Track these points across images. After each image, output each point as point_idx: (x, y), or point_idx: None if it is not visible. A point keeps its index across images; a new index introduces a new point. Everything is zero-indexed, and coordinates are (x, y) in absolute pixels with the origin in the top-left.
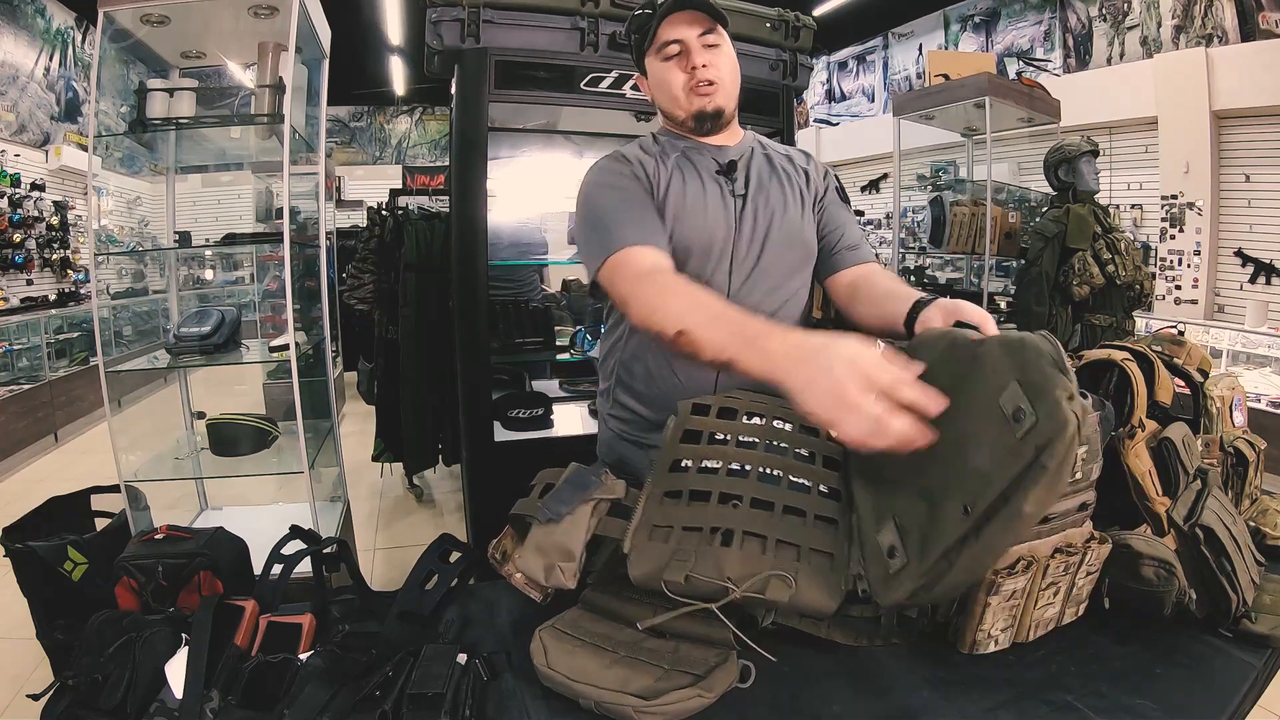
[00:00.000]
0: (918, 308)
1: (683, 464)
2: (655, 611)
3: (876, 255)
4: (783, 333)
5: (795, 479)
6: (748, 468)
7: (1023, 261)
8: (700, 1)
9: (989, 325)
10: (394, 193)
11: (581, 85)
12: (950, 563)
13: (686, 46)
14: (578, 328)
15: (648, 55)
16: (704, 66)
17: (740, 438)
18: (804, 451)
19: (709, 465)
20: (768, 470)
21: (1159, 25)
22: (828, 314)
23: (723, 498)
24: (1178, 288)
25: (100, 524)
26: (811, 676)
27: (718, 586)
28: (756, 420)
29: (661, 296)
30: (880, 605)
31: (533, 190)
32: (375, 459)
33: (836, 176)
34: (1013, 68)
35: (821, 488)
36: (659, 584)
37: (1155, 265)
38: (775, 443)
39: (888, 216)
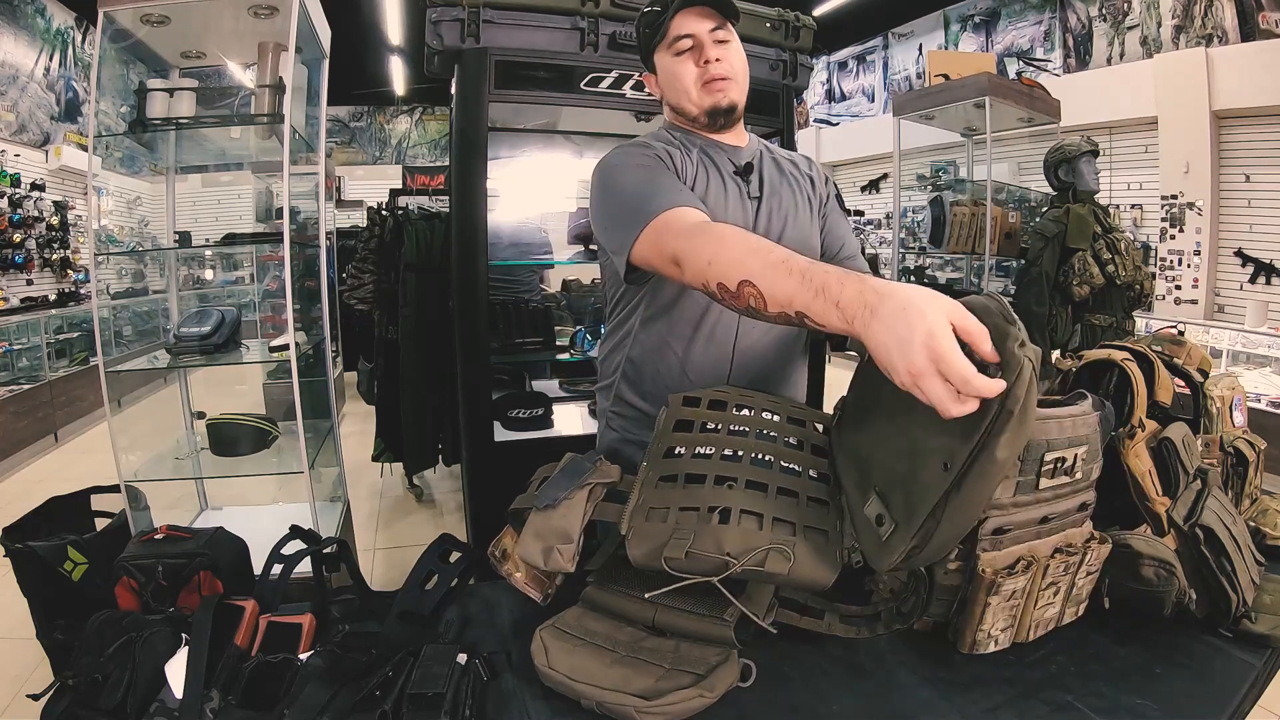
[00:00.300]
0: None
1: (676, 450)
2: (656, 607)
3: (876, 256)
4: (856, 280)
5: (786, 464)
6: (740, 453)
7: (1023, 261)
8: (711, 5)
9: None
10: (394, 193)
11: (581, 85)
12: (937, 519)
13: (699, 41)
14: (578, 328)
15: (658, 51)
16: (717, 61)
17: (731, 427)
18: (793, 440)
19: (702, 452)
20: (760, 456)
21: (1159, 25)
22: None
23: (718, 480)
24: (1178, 288)
25: (100, 524)
26: (812, 676)
27: (718, 561)
28: (745, 411)
29: (720, 245)
30: (877, 571)
31: (533, 190)
32: (375, 459)
33: (835, 184)
34: (1013, 68)
35: (811, 472)
36: (659, 562)
37: (1155, 265)
38: (765, 432)
39: (888, 216)
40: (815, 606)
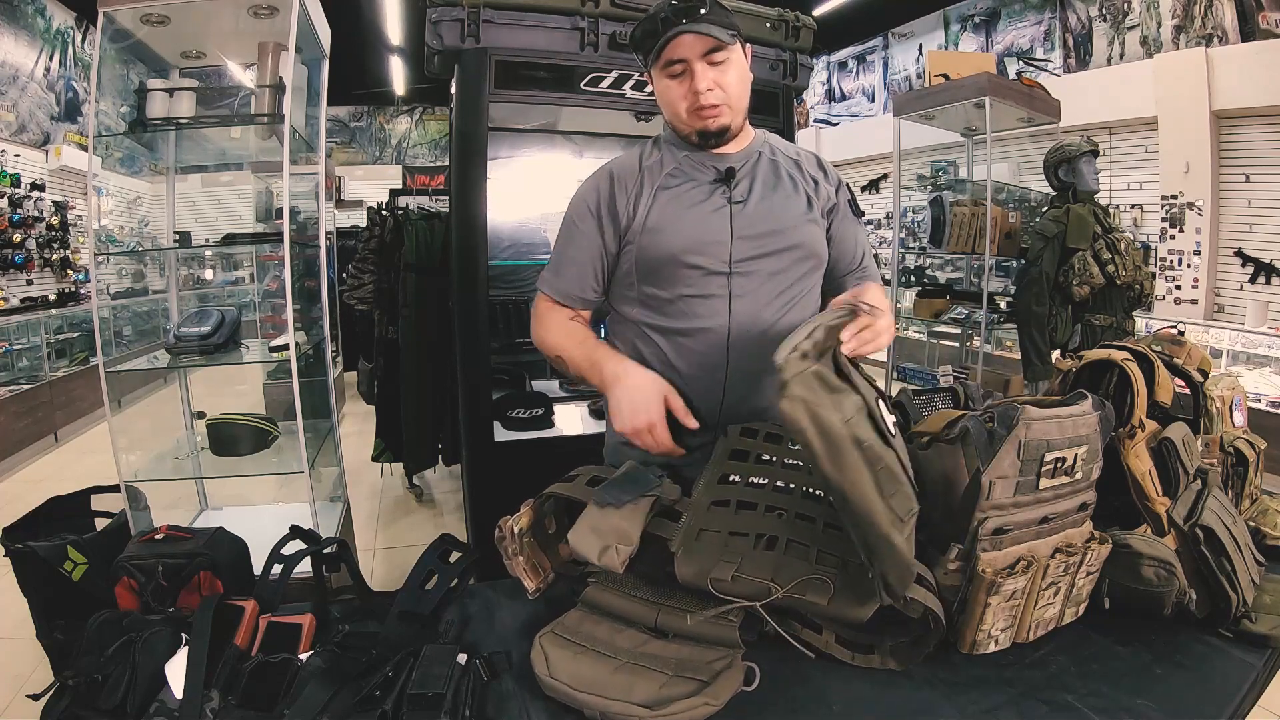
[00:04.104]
0: None
1: (730, 478)
2: (659, 609)
3: (876, 256)
4: (614, 365)
5: None
6: (792, 486)
7: (1023, 261)
8: (707, 27)
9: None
10: (394, 193)
11: (581, 85)
12: (854, 540)
13: (691, 67)
14: None
15: (652, 67)
16: (709, 90)
17: (785, 460)
18: None
19: (756, 481)
20: (811, 490)
21: (1159, 25)
22: None
23: (768, 509)
24: (1178, 288)
25: (100, 524)
26: (812, 677)
27: (762, 586)
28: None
29: (550, 331)
30: (895, 601)
31: (533, 190)
32: (375, 459)
33: (849, 187)
34: (1013, 68)
35: None
36: (705, 582)
37: (1155, 265)
38: None
39: (888, 216)
40: (815, 620)
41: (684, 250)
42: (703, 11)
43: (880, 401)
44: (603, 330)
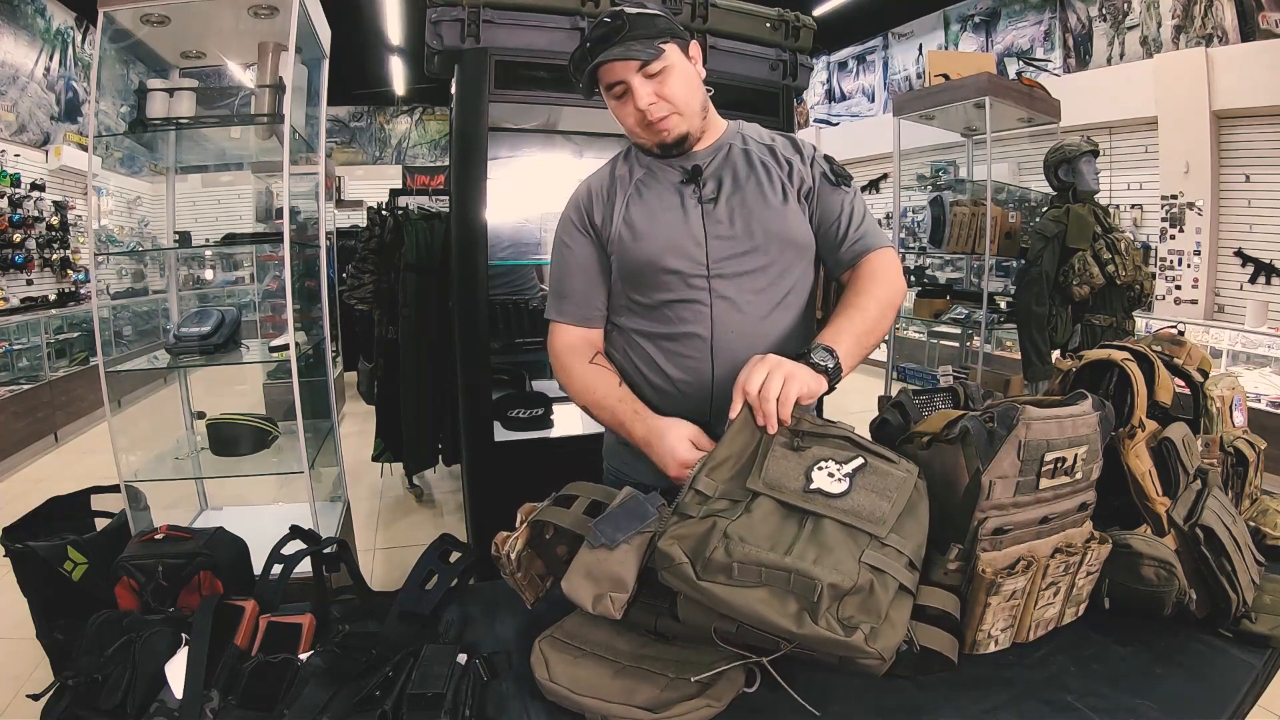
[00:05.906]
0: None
1: None
2: (658, 615)
3: None
4: (643, 423)
5: None
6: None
7: (1023, 261)
8: (626, 50)
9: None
10: (394, 193)
11: (581, 85)
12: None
13: (629, 86)
14: None
15: (599, 87)
16: (652, 104)
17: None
18: None
19: None
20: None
21: (1159, 25)
22: (828, 315)
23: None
24: (1178, 288)
25: (100, 524)
26: (813, 677)
27: (770, 641)
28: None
29: (569, 378)
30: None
31: (533, 190)
32: (375, 459)
33: (827, 157)
34: (1013, 68)
35: None
36: (709, 631)
37: (1155, 265)
38: None
39: (888, 216)
40: None
41: (660, 255)
42: (627, 31)
43: (821, 464)
44: None
